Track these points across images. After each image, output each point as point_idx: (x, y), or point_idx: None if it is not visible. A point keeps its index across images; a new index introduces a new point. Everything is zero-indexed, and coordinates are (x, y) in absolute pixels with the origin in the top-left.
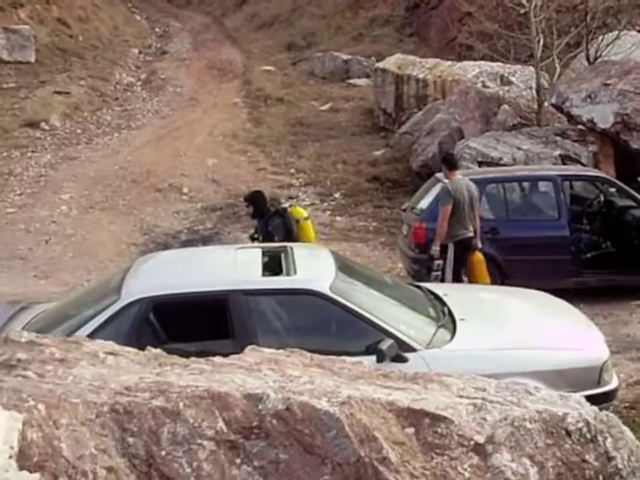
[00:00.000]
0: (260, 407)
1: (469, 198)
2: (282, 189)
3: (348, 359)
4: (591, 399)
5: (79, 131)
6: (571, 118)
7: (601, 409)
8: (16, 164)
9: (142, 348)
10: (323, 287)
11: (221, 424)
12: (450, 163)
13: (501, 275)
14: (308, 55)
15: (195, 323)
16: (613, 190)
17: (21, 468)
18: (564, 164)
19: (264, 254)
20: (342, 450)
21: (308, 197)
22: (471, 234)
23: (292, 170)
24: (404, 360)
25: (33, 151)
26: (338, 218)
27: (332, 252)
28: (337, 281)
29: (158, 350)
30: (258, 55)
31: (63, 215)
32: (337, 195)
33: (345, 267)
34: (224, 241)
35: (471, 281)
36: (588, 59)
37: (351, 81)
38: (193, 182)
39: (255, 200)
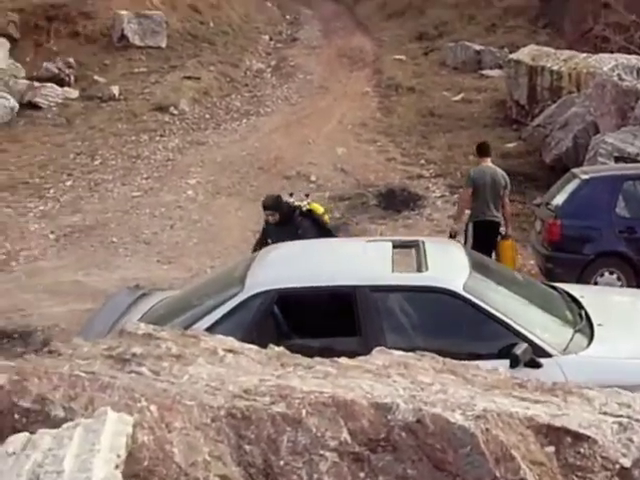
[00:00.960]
0: (389, 418)
1: (492, 184)
2: (412, 180)
3: (482, 364)
4: None
5: (207, 116)
6: None
7: None
8: (144, 148)
9: (263, 342)
10: (456, 285)
11: (345, 434)
12: (480, 151)
13: (636, 275)
14: (440, 45)
15: (320, 318)
16: None
17: (130, 472)
18: None
19: (394, 248)
20: (475, 468)
21: (438, 189)
22: (494, 219)
23: (422, 161)
24: (538, 365)
25: (161, 135)
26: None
27: (464, 247)
28: (471, 279)
29: (280, 348)
30: (389, 44)
31: (189, 200)
32: None
33: (478, 264)
34: (352, 232)
35: None
36: None
37: (483, 72)
38: (321, 171)
39: (281, 205)
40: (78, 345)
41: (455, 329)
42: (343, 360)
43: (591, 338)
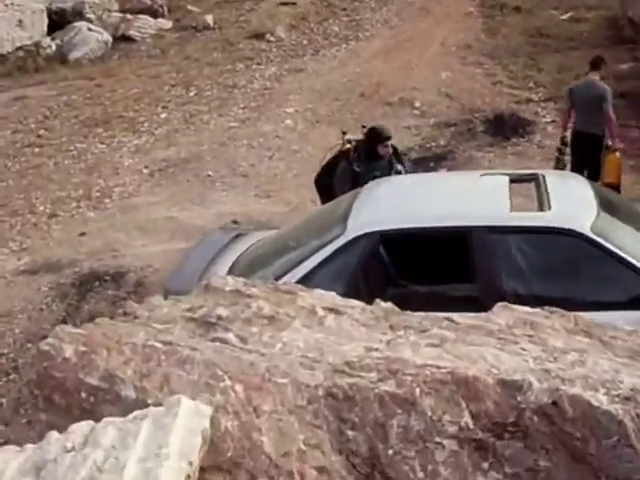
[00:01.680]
0: (519, 399)
1: (590, 97)
2: (520, 104)
3: (614, 316)
4: None
5: (305, 42)
6: None
7: None
8: (240, 77)
9: (368, 291)
10: (583, 226)
11: (467, 418)
12: (591, 64)
13: None
14: None
15: (430, 263)
16: None
17: (212, 464)
18: None
19: (512, 182)
20: (623, 464)
21: (548, 114)
22: (593, 131)
23: (531, 84)
24: None
25: (258, 63)
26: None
27: (590, 182)
28: (599, 219)
29: (388, 305)
30: None
31: (288, 130)
32: None
33: (606, 201)
34: (458, 160)
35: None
36: None
37: None
38: (425, 96)
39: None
40: (156, 305)
41: (581, 275)
42: (461, 319)
43: None
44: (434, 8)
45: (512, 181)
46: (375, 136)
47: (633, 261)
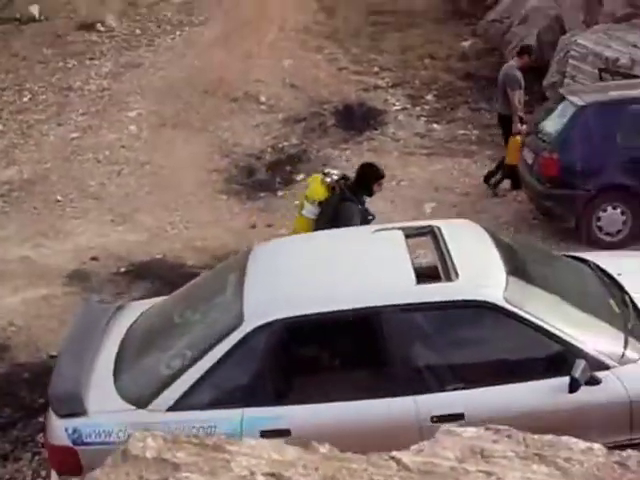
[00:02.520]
0: None
1: (501, 81)
2: (368, 92)
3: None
4: None
5: (138, 31)
6: None
7: None
8: (75, 76)
9: (274, 383)
10: (495, 296)
11: None
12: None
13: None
14: None
15: (339, 350)
16: None
17: None
18: None
19: (407, 238)
20: None
21: (398, 101)
22: (505, 112)
23: (376, 68)
24: (597, 382)
25: (91, 58)
26: (435, 126)
27: (487, 231)
28: (510, 284)
29: (326, 448)
30: None
31: (133, 137)
32: (429, 97)
33: (508, 255)
34: (313, 160)
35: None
36: None
37: None
38: (270, 88)
39: None
40: None
41: (497, 346)
42: (404, 457)
43: None
44: None
45: (407, 236)
46: (372, 173)
47: (548, 327)
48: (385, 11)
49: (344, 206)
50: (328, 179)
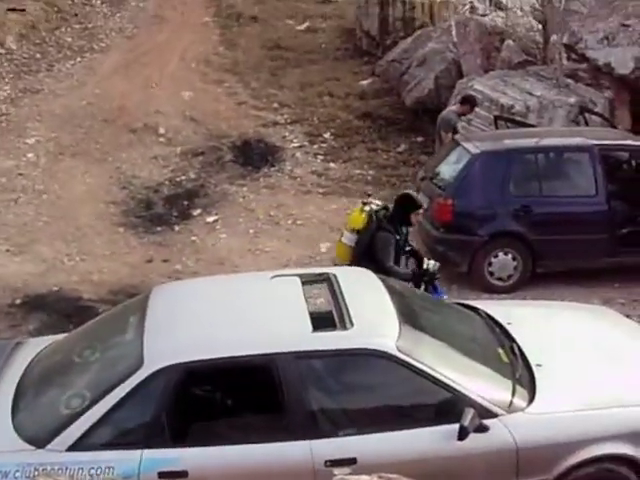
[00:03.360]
0: None
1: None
2: (267, 128)
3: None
4: None
5: (38, 55)
6: (585, 60)
7: None
8: None
9: (174, 427)
10: (389, 345)
11: None
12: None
13: (532, 255)
14: None
15: (237, 394)
16: None
17: None
18: (582, 115)
19: (304, 285)
20: None
21: (296, 138)
22: None
23: (275, 104)
24: (485, 430)
25: None
26: (332, 165)
27: (380, 279)
28: (402, 333)
29: None
30: None
31: (31, 165)
32: (327, 135)
33: (400, 304)
34: (211, 195)
35: None
36: None
37: None
38: (169, 121)
39: None
40: None
41: (390, 393)
42: None
43: (533, 386)
44: (169, 15)
45: (304, 283)
46: (411, 204)
47: (439, 376)
48: (286, 46)
49: (379, 236)
50: (367, 208)
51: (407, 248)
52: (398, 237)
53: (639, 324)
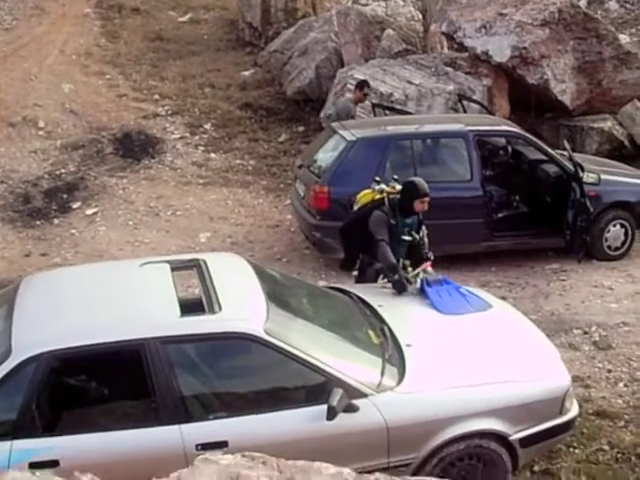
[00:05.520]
0: None
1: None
2: (147, 120)
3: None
4: (552, 430)
5: None
6: (464, 49)
7: (560, 439)
8: None
9: (44, 416)
10: (256, 328)
11: None
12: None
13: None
14: None
15: (107, 381)
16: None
17: None
18: (460, 102)
19: (173, 271)
20: None
21: (177, 129)
22: None
23: (156, 96)
24: (355, 409)
25: None
26: (212, 155)
27: (250, 263)
28: (270, 316)
29: (88, 477)
30: None
31: None
32: (208, 126)
33: (270, 288)
34: (91, 189)
35: None
36: None
37: None
38: (49, 113)
39: None
40: None
41: (260, 377)
42: None
43: (402, 365)
44: (49, 7)
45: (173, 269)
46: (414, 191)
47: (308, 358)
48: (167, 38)
49: (373, 214)
50: (377, 187)
51: (406, 237)
52: (393, 222)
53: (509, 304)
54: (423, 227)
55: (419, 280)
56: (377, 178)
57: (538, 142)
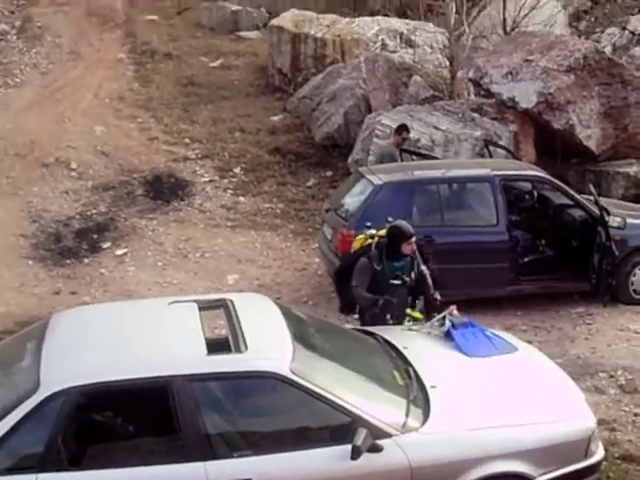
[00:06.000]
0: None
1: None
2: (177, 162)
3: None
4: (577, 473)
5: None
6: (490, 95)
7: None
8: None
9: (71, 448)
10: (282, 368)
11: None
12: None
13: (434, 285)
14: (194, 3)
15: (133, 417)
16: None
17: None
18: (487, 148)
19: (201, 310)
20: None
21: (207, 172)
22: None
23: (186, 140)
24: (379, 450)
25: None
26: (241, 199)
27: (277, 304)
28: (296, 356)
29: None
30: (140, 2)
31: None
32: (237, 170)
33: (296, 328)
34: (120, 229)
35: None
36: (505, 29)
37: (241, 34)
38: (81, 155)
39: None
40: None
41: (285, 415)
42: None
43: (427, 406)
44: (85, 52)
45: (201, 309)
46: (399, 234)
47: (333, 398)
48: (199, 83)
49: (359, 261)
50: (368, 232)
51: (395, 282)
52: (378, 267)
53: (534, 347)
54: (423, 268)
55: (446, 323)
56: (368, 223)
57: (564, 187)
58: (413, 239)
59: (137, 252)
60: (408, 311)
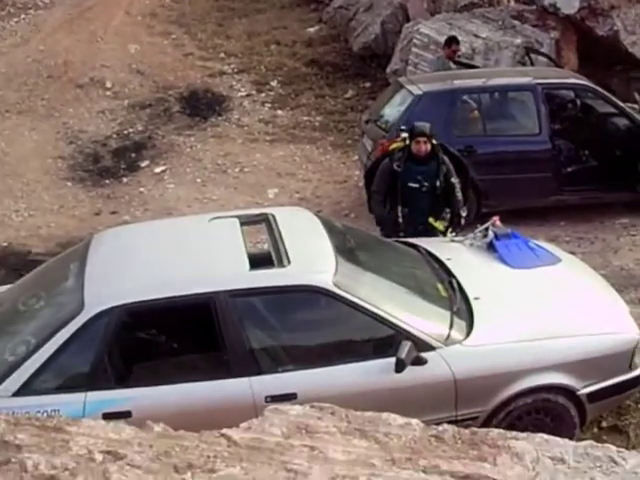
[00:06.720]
0: None
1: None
2: (214, 78)
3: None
4: (621, 385)
5: None
6: (531, 1)
7: (629, 395)
8: None
9: (118, 367)
10: (325, 281)
11: None
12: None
13: (477, 196)
14: None
15: (178, 334)
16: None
17: None
18: (528, 55)
19: (242, 225)
20: None
21: (243, 87)
22: None
23: (222, 54)
24: (423, 362)
25: None
26: (279, 112)
27: (319, 217)
28: (339, 269)
29: (161, 427)
30: None
31: None
32: (274, 83)
33: (339, 241)
34: (158, 147)
35: None
36: None
37: None
38: (116, 74)
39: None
40: None
41: (328, 329)
42: (235, 434)
43: (470, 318)
44: None
45: (242, 224)
46: (411, 132)
47: (377, 310)
48: None
49: (381, 163)
50: (404, 135)
51: (414, 185)
52: (398, 168)
53: (577, 259)
54: (453, 179)
55: (489, 234)
56: (403, 127)
57: (607, 95)
58: (422, 138)
59: (176, 169)
60: (430, 220)
